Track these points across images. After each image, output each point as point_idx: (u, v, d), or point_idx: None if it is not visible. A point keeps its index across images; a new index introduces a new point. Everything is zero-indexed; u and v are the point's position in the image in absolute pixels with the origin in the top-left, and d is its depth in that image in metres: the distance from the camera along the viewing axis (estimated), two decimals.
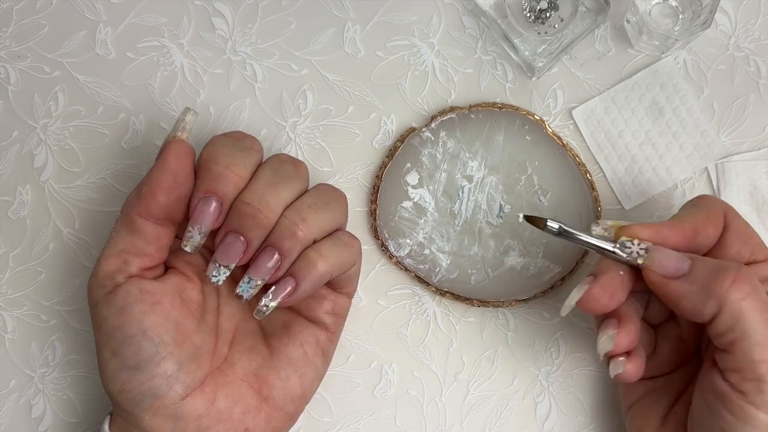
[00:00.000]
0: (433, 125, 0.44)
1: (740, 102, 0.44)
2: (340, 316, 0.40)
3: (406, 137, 0.44)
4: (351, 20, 0.46)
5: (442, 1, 0.46)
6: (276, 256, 0.35)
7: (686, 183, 0.44)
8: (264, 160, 0.38)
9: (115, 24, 0.46)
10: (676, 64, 0.44)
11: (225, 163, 0.35)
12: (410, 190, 0.44)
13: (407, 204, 0.43)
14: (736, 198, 0.43)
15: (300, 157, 0.45)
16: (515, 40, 0.43)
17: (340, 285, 0.39)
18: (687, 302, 0.32)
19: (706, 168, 0.44)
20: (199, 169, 0.36)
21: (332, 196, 0.38)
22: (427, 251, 0.43)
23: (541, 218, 0.34)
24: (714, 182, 0.44)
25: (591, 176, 0.44)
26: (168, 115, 0.45)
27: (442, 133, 0.44)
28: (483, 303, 0.43)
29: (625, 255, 0.33)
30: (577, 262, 0.43)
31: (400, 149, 0.44)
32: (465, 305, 0.43)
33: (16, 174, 0.45)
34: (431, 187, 0.44)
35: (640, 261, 0.33)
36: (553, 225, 0.34)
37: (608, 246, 0.34)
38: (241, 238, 0.35)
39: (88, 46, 0.46)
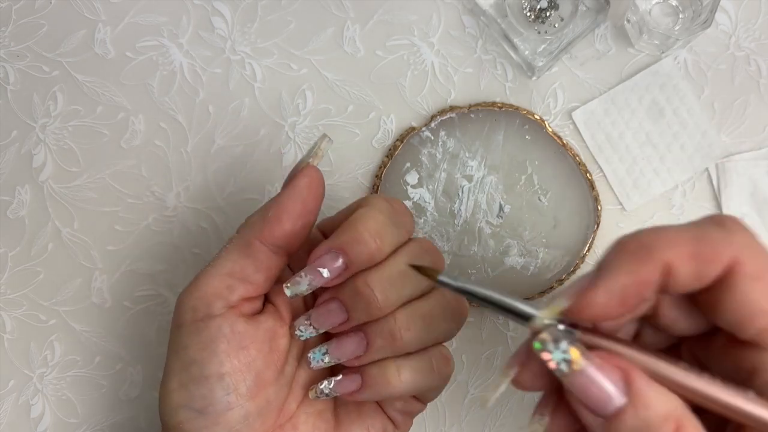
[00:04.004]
0: (432, 125, 0.44)
1: (741, 102, 0.44)
2: (409, 416, 0.36)
3: (405, 137, 0.44)
4: (350, 19, 0.45)
5: (442, 1, 0.45)
6: (364, 345, 0.32)
7: (687, 183, 0.44)
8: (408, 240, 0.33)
9: (114, 23, 0.46)
10: (677, 63, 0.44)
11: (374, 231, 0.31)
12: (410, 189, 0.43)
13: (407, 204, 0.43)
14: (737, 198, 0.43)
15: (299, 157, 0.45)
16: (515, 40, 0.43)
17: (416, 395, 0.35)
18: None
19: (707, 168, 0.44)
20: (343, 223, 0.32)
21: (453, 312, 0.33)
22: None
23: (430, 269, 0.29)
24: (714, 182, 0.44)
25: (591, 176, 0.43)
26: (168, 115, 0.45)
27: (442, 133, 0.44)
28: None
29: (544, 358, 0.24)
30: (578, 262, 0.43)
31: (399, 149, 0.44)
32: None
33: (15, 174, 0.45)
34: (431, 187, 0.43)
35: (564, 371, 0.23)
36: (445, 279, 0.27)
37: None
38: (345, 313, 0.32)
39: (87, 45, 0.46)
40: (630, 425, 0.22)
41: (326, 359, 0.33)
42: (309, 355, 0.34)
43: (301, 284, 0.32)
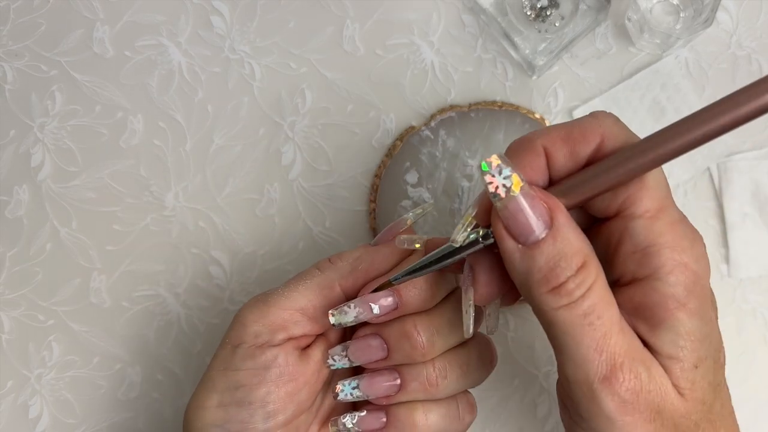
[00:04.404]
0: (432, 124, 0.43)
1: None
2: None
3: (405, 136, 0.44)
4: (350, 18, 0.45)
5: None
6: (397, 386, 0.32)
7: (688, 183, 0.44)
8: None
9: (113, 22, 0.46)
10: (678, 62, 0.44)
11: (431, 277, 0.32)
12: (410, 189, 0.43)
13: (407, 203, 0.43)
14: (739, 198, 0.43)
15: (298, 157, 0.44)
16: (515, 39, 0.43)
17: None
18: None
19: (708, 167, 0.44)
20: (402, 262, 0.33)
21: (486, 361, 0.34)
22: None
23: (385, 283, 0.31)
24: (716, 182, 0.43)
25: None
26: (166, 115, 0.45)
27: (442, 132, 0.43)
28: None
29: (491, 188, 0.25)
30: None
31: (399, 148, 0.44)
32: None
33: (13, 173, 0.45)
34: (431, 186, 0.43)
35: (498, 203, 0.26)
36: (396, 277, 0.30)
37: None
38: (386, 351, 0.32)
39: (85, 44, 0.46)
40: (547, 253, 0.25)
41: (355, 394, 0.33)
42: (338, 386, 0.33)
43: (348, 315, 0.32)
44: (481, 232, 0.27)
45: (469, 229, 0.27)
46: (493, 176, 0.25)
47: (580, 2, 0.43)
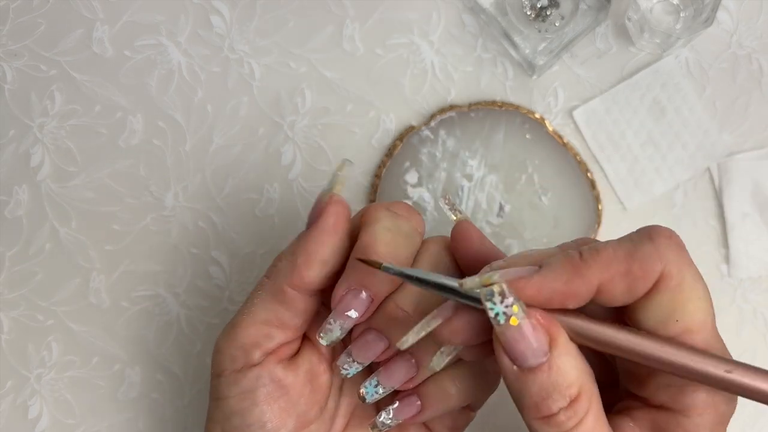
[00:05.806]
0: (432, 124, 0.43)
1: (743, 100, 0.44)
2: (459, 430, 0.35)
3: (405, 136, 0.44)
4: (350, 18, 0.45)
5: None
6: (414, 366, 0.31)
7: (688, 183, 0.44)
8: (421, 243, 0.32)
9: (112, 22, 0.46)
10: (678, 62, 0.44)
11: (386, 255, 0.30)
12: (409, 189, 0.43)
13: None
14: (738, 198, 0.43)
15: (298, 157, 0.44)
16: (516, 38, 0.43)
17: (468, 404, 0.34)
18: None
19: (708, 167, 0.44)
20: (354, 250, 0.31)
21: None
22: None
23: (375, 261, 0.29)
24: (716, 182, 0.43)
25: (592, 175, 0.43)
26: (166, 114, 0.45)
27: (442, 132, 0.43)
28: None
29: (489, 308, 0.25)
30: None
31: (399, 148, 0.43)
32: None
33: (13, 173, 0.45)
34: (431, 186, 0.43)
35: (500, 322, 0.25)
36: (389, 267, 0.29)
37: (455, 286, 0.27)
38: (384, 340, 0.31)
39: (85, 44, 0.46)
40: (540, 381, 0.25)
41: (380, 390, 0.32)
42: (361, 390, 0.32)
43: (334, 331, 0.31)
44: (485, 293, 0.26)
45: (481, 289, 0.26)
46: (495, 304, 0.25)
47: (580, 2, 0.43)
